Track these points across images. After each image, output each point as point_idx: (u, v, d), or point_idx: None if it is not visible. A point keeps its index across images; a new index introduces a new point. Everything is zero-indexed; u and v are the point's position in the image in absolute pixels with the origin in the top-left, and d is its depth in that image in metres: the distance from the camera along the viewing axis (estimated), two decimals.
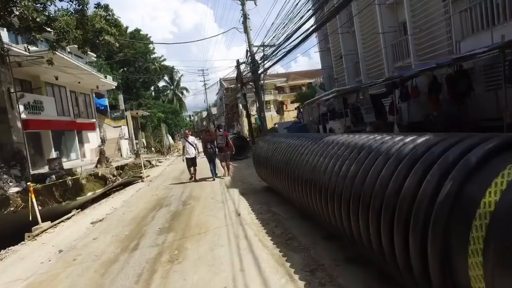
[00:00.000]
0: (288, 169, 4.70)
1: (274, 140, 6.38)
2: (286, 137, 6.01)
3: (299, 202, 4.46)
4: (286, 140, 5.60)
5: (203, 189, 8.71)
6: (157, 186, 10.54)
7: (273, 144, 6.13)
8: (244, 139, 15.79)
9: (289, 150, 4.98)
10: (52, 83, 17.87)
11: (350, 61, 18.85)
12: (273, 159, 5.68)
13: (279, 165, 5.27)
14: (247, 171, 10.73)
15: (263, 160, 6.52)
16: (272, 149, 6.03)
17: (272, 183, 6.11)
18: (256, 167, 7.56)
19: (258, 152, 7.11)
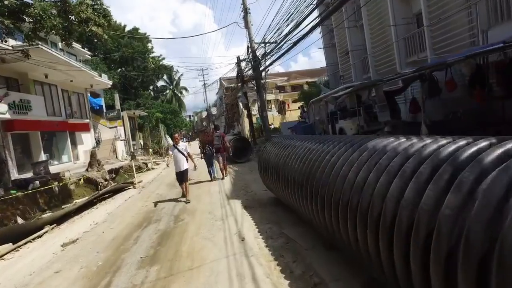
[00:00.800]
0: (310, 184, 3.43)
1: (286, 143, 5.10)
2: (301, 139, 4.74)
3: (328, 230, 3.20)
4: (303, 144, 4.32)
5: (200, 199, 7.43)
6: (149, 193, 9.27)
7: (286, 149, 4.85)
8: (246, 141, 14.53)
9: (310, 157, 3.71)
10: (41, 81, 16.59)
11: (357, 57, 17.56)
12: (287, 168, 4.40)
13: (295, 176, 4.00)
14: (250, 177, 9.46)
15: (272, 168, 5.25)
16: (284, 155, 4.76)
17: (284, 197, 4.84)
18: (262, 175, 6.29)
19: (266, 158, 5.84)
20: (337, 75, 20.47)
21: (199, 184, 9.69)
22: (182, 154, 7.50)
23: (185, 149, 7.57)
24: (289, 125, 18.25)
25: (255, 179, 8.81)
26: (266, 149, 6.09)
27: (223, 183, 9.09)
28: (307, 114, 15.14)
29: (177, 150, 7.50)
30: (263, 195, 6.90)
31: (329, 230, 3.12)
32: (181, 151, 7.48)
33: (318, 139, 4.21)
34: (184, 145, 7.77)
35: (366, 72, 17.04)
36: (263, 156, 6.05)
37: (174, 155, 7.59)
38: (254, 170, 10.64)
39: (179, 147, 7.52)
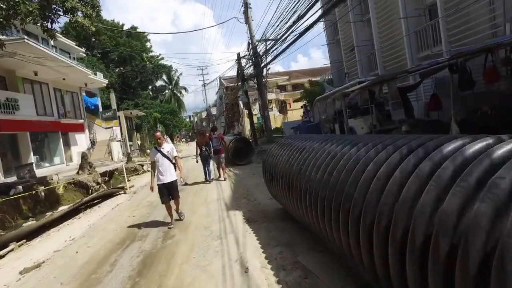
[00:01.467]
0: (343, 205, 2.38)
1: (300, 146, 4.05)
2: (319, 140, 3.70)
3: (373, 271, 2.15)
4: (325, 147, 3.27)
5: (195, 210, 6.37)
6: (140, 201, 8.20)
7: (300, 153, 3.80)
8: (247, 141, 13.46)
9: (339, 166, 2.66)
10: (31, 79, 15.53)
11: (364, 53, 16.51)
12: (303, 178, 3.35)
13: (315, 190, 2.95)
14: (252, 182, 8.40)
15: (281, 176, 4.20)
16: (298, 160, 3.70)
17: (297, 213, 3.77)
18: (267, 183, 5.23)
19: (273, 163, 4.78)
20: (341, 72, 19.42)
21: (196, 187, 8.64)
22: (168, 160, 5.50)
23: (171, 153, 5.59)
24: (292, 125, 17.20)
25: (258, 184, 7.76)
26: (273, 152, 5.02)
27: (222, 189, 8.03)
28: (312, 113, 14.07)
29: (160, 154, 5.47)
30: (269, 205, 5.84)
31: (376, 273, 2.07)
32: (166, 155, 5.51)
33: (344, 140, 3.16)
34: (170, 146, 5.71)
35: (373, 69, 15.99)
36: (269, 161, 4.99)
37: (156, 161, 5.47)
38: (257, 174, 9.59)
39: (163, 149, 5.51)
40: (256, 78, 17.12)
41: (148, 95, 35.75)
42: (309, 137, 4.58)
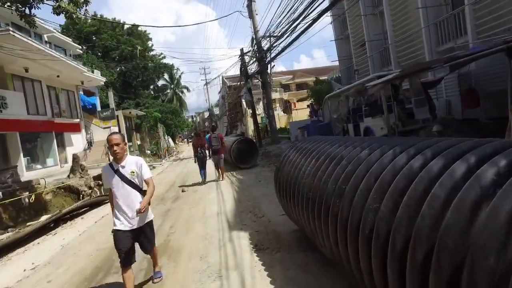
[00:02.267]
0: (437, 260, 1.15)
1: (332, 153, 2.82)
2: (360, 145, 2.48)
3: None
4: (382, 158, 2.03)
5: (190, 228, 5.14)
6: None
7: (335, 163, 2.56)
8: (251, 142, 12.23)
9: (415, 191, 1.42)
10: (21, 75, 14.40)
11: (376, 48, 15.22)
12: (348, 204, 2.11)
13: (382, 228, 1.72)
14: (258, 190, 7.16)
15: (305, 195, 2.97)
16: (335, 174, 2.46)
17: (336, 253, 2.53)
18: (281, 198, 4.00)
19: (290, 174, 3.56)
20: (350, 69, 18.15)
21: (194, 196, 7.43)
22: (134, 187, 3.07)
23: (139, 174, 3.09)
24: (298, 125, 15.92)
25: (266, 194, 6.53)
26: (289, 159, 3.79)
27: (223, 199, 6.80)
28: (322, 111, 12.81)
29: (119, 177, 3.01)
30: (281, 223, 4.61)
31: None
32: (130, 179, 3.03)
33: (395, 144, 1.96)
34: (136, 162, 3.14)
35: (386, 65, 14.70)
36: (286, 171, 3.75)
37: (112, 188, 3.05)
38: (263, 180, 8.38)
39: (124, 169, 3.03)
40: (260, 75, 15.88)
41: (149, 95, 34.60)
42: (337, 140, 3.35)
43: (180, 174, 12.96)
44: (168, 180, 11.32)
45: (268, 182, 7.87)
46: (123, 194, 3.02)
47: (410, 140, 2.28)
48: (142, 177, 3.12)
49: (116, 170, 3.03)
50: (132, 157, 3.25)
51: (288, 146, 12.50)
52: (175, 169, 15.40)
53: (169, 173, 13.83)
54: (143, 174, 3.12)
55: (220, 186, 8.31)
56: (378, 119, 8.82)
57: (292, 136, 15.99)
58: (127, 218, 3.03)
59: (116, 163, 3.06)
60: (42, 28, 17.36)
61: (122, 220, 3.03)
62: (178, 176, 12.25)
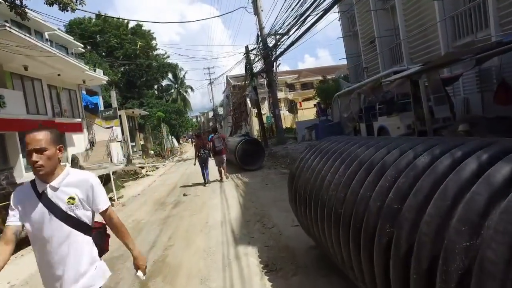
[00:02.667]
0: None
1: (364, 157, 2.15)
2: (388, 143, 1.83)
3: None
4: (447, 164, 1.37)
5: (190, 241, 4.50)
6: (123, 220, 6.35)
7: (374, 172, 1.89)
8: (257, 143, 11.57)
9: None
10: (21, 74, 13.89)
11: (386, 44, 14.51)
12: (408, 232, 1.45)
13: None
14: (266, 196, 6.51)
15: (329, 208, 2.32)
16: (380, 188, 1.80)
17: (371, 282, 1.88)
18: (298, 210, 3.33)
19: (308, 181, 2.92)
20: (358, 67, 17.43)
21: (196, 201, 6.80)
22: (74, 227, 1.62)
23: (88, 203, 1.68)
24: (305, 125, 15.25)
25: (275, 200, 5.88)
26: (308, 165, 3.13)
27: (228, 205, 6.16)
28: (331, 110, 12.12)
29: (45, 206, 1.57)
30: (295, 237, 3.96)
31: None
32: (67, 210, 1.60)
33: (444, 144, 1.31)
34: (79, 181, 1.67)
35: (397, 62, 13.97)
36: (303, 178, 3.10)
37: (31, 226, 1.57)
38: (270, 183, 7.73)
39: (56, 194, 1.59)
40: (266, 73, 15.23)
41: (153, 94, 34.10)
42: (363, 141, 2.69)
43: (182, 175, 12.36)
44: (170, 182, 10.71)
45: (276, 186, 7.23)
46: (51, 240, 1.57)
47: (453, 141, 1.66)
48: (95, 207, 1.72)
49: (41, 194, 1.58)
50: (76, 173, 1.72)
51: (303, 146, 11.86)
52: (178, 170, 14.81)
53: (171, 174, 13.24)
54: (96, 202, 1.71)
55: (224, 191, 7.67)
56: (394, 118, 8.12)
57: (299, 136, 15.31)
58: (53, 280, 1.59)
59: (42, 181, 1.60)
60: (44, 26, 16.91)
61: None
62: (181, 177, 11.64)
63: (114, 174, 14.36)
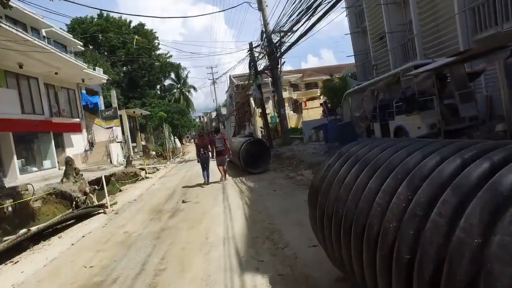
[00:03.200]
0: None
1: (439, 174, 1.30)
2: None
3: None
4: None
5: (185, 262, 3.69)
6: (115, 230, 5.57)
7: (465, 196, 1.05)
8: (262, 144, 10.75)
9: None
10: (15, 72, 13.20)
11: (397, 40, 13.64)
12: None
13: None
14: (274, 205, 5.69)
15: (384, 243, 1.50)
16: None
17: None
18: (323, 234, 2.51)
19: (339, 200, 2.11)
20: (366, 65, 16.57)
21: (195, 209, 6.01)
22: None
23: None
24: (312, 124, 14.42)
25: (285, 209, 5.08)
26: (338, 178, 2.31)
27: (231, 216, 5.35)
28: (341, 109, 11.29)
29: None
30: (315, 263, 3.15)
31: None
32: None
33: None
34: None
35: (409, 59, 13.07)
36: (332, 194, 2.28)
37: None
38: (278, 189, 6.91)
39: None
40: (271, 71, 14.42)
41: (155, 94, 33.40)
42: (409, 145, 1.90)
43: (183, 178, 11.58)
44: (169, 186, 9.93)
45: (285, 194, 6.42)
46: None
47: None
48: None
49: None
50: None
51: (310, 147, 10.98)
52: (179, 172, 14.05)
53: (171, 177, 12.46)
54: None
55: (228, 197, 6.87)
56: (415, 117, 7.27)
57: (305, 136, 14.48)
58: None
59: None
60: (41, 23, 16.23)
61: None
62: (181, 180, 10.87)
63: (113, 176, 13.68)
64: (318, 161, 8.96)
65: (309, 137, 14.16)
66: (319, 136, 13.48)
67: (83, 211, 7.25)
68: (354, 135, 9.69)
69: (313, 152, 10.94)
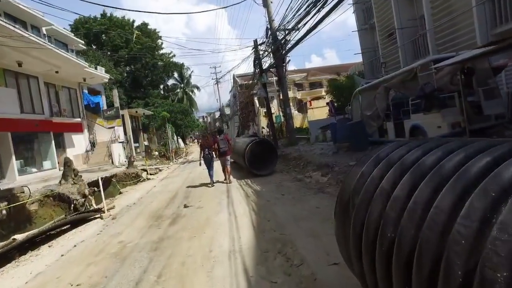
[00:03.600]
0: None
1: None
2: None
3: None
4: None
5: (186, 282, 3.16)
6: (109, 240, 5.04)
7: None
8: (268, 144, 10.19)
9: None
10: (14, 70, 12.77)
11: (408, 36, 13.03)
12: None
13: None
14: (284, 211, 5.13)
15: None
16: None
17: None
18: (358, 262, 1.95)
19: (390, 220, 1.56)
20: (374, 63, 15.97)
21: (197, 215, 5.48)
22: None
23: None
24: (319, 124, 13.84)
25: (296, 217, 4.54)
26: (381, 190, 1.75)
27: (237, 224, 4.81)
28: (351, 108, 10.71)
29: None
30: (337, 285, 2.59)
31: None
32: None
33: None
34: None
35: (421, 56, 12.47)
36: (373, 214, 1.73)
37: None
38: (287, 193, 6.36)
39: None
40: (276, 69, 13.87)
41: (159, 94, 32.97)
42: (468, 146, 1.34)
43: (186, 179, 11.07)
44: (171, 188, 9.42)
45: (294, 199, 5.87)
46: None
47: None
48: None
49: None
50: None
51: (317, 148, 10.34)
52: (181, 174, 13.55)
53: (174, 179, 11.95)
54: None
55: (232, 202, 6.33)
56: (434, 115, 6.68)
57: (312, 136, 13.91)
58: None
59: None
60: (41, 21, 15.83)
61: None
62: (184, 182, 10.36)
63: (114, 177, 13.20)
64: (327, 162, 8.40)
65: (315, 137, 13.58)
66: (326, 136, 12.90)
67: (78, 216, 6.73)
68: (365, 135, 9.13)
69: (321, 153, 10.38)
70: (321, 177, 7.47)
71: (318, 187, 6.65)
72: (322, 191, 6.24)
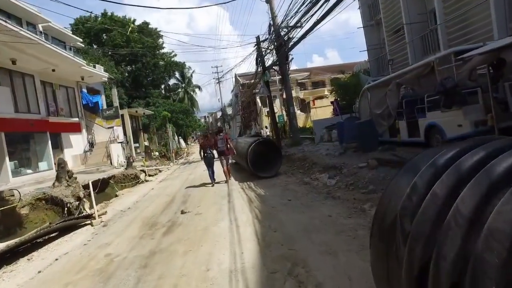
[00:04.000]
0: None
1: None
2: None
3: None
4: None
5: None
6: (96, 252, 4.44)
7: None
8: (272, 144, 9.59)
9: None
10: (8, 68, 12.23)
11: (417, 32, 12.39)
12: None
13: None
14: (292, 220, 4.52)
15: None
16: None
17: None
18: None
19: (456, 254, 0.95)
20: (380, 60, 15.32)
21: (196, 223, 4.90)
22: None
23: None
24: (324, 123, 13.23)
25: (307, 228, 3.93)
26: (451, 214, 1.14)
27: (239, 235, 4.21)
28: (359, 106, 10.09)
29: None
30: None
31: None
32: None
33: None
34: None
35: (431, 51, 11.83)
36: (441, 253, 1.11)
37: None
38: (294, 198, 5.74)
39: None
40: (279, 67, 13.27)
41: (160, 94, 32.43)
42: None
43: (185, 181, 10.48)
44: (169, 191, 8.83)
45: (302, 204, 5.27)
46: None
47: None
48: None
49: None
50: None
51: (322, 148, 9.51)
52: (181, 175, 12.97)
53: (173, 181, 11.37)
54: None
55: (234, 207, 5.73)
56: (454, 113, 6.05)
57: (317, 136, 13.29)
58: None
59: None
60: (37, 17, 15.30)
61: None
62: (183, 185, 9.77)
63: (112, 178, 12.64)
64: (334, 164, 7.80)
65: (320, 137, 12.97)
66: (331, 136, 12.28)
67: (65, 223, 6.14)
68: (374, 134, 8.51)
69: (327, 154, 9.76)
70: (329, 180, 6.87)
71: (327, 191, 6.05)
72: (332, 196, 5.64)
